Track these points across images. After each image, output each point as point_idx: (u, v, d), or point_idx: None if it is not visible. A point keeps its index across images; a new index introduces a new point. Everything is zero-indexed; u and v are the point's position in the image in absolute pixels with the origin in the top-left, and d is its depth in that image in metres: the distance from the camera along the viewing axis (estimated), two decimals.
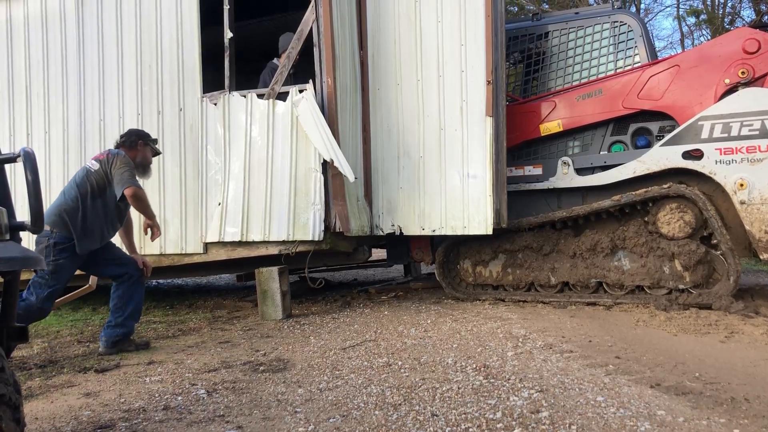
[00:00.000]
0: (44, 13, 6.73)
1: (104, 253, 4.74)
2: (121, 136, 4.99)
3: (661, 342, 4.25)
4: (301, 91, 5.76)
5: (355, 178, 5.77)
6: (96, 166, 4.65)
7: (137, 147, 4.88)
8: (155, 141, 5.07)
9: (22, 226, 2.35)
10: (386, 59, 6.18)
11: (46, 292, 4.42)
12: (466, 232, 5.86)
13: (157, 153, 5.09)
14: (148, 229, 4.76)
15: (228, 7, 6.07)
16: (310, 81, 5.71)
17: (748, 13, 18.69)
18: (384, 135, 6.19)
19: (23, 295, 4.40)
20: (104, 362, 4.32)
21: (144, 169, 4.94)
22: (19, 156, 2.34)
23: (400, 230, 6.12)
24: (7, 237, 2.23)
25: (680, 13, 19.53)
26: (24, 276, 3.00)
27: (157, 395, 3.47)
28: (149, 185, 6.27)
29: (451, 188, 5.90)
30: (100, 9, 6.50)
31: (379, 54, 6.20)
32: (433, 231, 6.02)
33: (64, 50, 6.66)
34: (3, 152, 2.55)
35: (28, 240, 5.21)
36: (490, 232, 5.73)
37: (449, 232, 5.96)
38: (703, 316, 4.96)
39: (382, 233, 6.20)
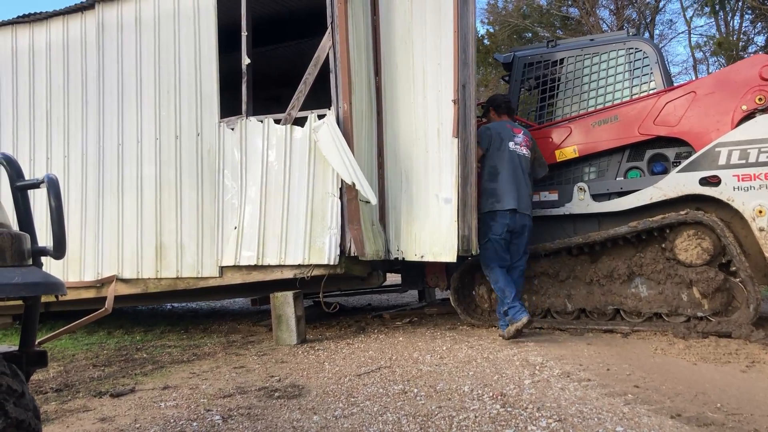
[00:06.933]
0: (66, 41, 6.87)
1: None
2: (507, 107, 6.08)
3: (681, 371, 4.19)
4: (320, 117, 5.79)
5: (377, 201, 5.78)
6: (527, 153, 5.82)
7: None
8: None
9: (44, 251, 2.37)
10: (392, 84, 6.18)
11: None
12: (440, 259, 5.72)
13: None
14: None
15: (246, 33, 6.15)
16: (332, 107, 5.74)
17: (760, 39, 18.71)
18: (392, 159, 6.15)
19: None
20: (119, 386, 4.33)
21: None
22: (42, 182, 2.37)
23: (402, 255, 5.99)
24: (30, 262, 2.25)
25: (692, 40, 19.58)
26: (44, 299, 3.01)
27: (172, 421, 3.46)
28: (166, 208, 6.33)
29: (433, 213, 5.80)
30: (120, 37, 6.63)
31: (390, 79, 6.23)
32: (422, 257, 5.85)
33: (84, 77, 6.78)
34: (26, 178, 2.57)
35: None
36: (454, 259, 5.64)
37: (431, 259, 5.81)
38: (722, 345, 4.89)
39: (393, 258, 6.17)
